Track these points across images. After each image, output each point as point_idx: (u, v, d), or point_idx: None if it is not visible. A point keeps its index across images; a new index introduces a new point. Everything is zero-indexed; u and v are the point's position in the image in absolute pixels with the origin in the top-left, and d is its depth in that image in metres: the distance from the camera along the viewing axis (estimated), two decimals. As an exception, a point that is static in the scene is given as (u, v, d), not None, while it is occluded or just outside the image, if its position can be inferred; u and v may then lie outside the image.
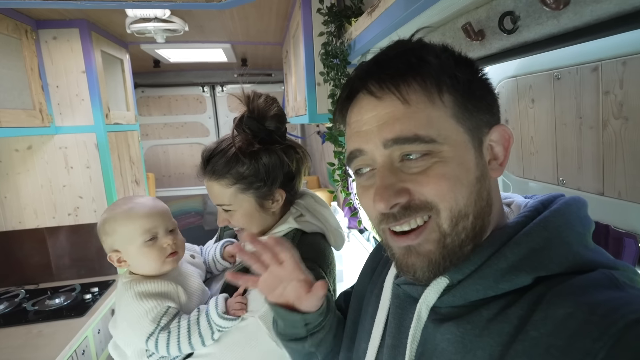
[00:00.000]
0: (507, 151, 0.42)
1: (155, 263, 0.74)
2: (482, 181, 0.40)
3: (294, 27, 1.61)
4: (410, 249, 0.41)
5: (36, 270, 1.83)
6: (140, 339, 0.69)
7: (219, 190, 0.75)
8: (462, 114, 0.40)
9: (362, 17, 0.92)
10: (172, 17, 1.53)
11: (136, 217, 0.73)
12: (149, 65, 2.82)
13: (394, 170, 0.40)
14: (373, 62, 0.42)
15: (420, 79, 0.39)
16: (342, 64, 1.12)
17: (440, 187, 0.38)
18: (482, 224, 0.40)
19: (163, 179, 3.53)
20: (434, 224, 0.39)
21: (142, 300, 0.70)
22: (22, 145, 1.74)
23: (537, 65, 0.73)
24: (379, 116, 0.40)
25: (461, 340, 0.38)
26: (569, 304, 0.33)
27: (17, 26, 1.52)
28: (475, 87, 0.42)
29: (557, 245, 0.38)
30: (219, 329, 0.69)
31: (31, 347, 1.30)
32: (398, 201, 0.39)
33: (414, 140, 0.38)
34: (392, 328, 0.47)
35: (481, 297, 0.39)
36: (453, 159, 0.39)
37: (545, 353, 0.32)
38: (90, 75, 1.74)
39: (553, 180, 0.73)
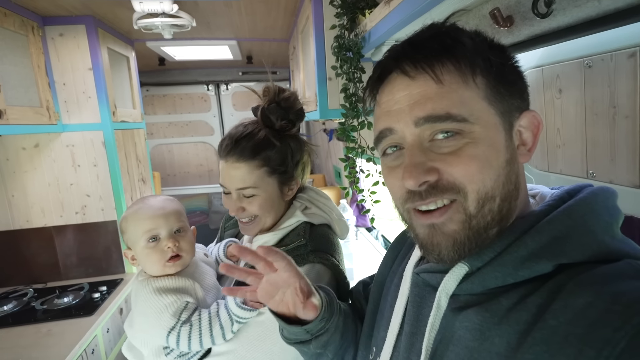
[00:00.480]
0: (536, 138, 0.42)
1: (156, 266, 0.74)
2: (511, 164, 0.40)
3: (302, 21, 1.59)
4: (435, 228, 0.41)
5: (44, 269, 1.82)
6: (160, 335, 0.68)
7: (246, 171, 0.74)
8: (495, 97, 0.40)
9: (379, 7, 0.90)
10: (180, 12, 1.51)
11: (140, 218, 0.74)
12: (154, 64, 2.80)
13: (424, 150, 0.40)
14: (407, 43, 0.42)
15: (454, 60, 0.40)
16: (356, 57, 1.10)
17: (470, 168, 0.38)
18: (509, 207, 0.40)
19: (168, 178, 3.52)
20: (459, 206, 0.39)
21: (162, 295, 0.70)
22: (29, 143, 1.73)
23: (565, 53, 0.70)
24: (412, 95, 0.40)
25: (479, 328, 0.38)
26: (590, 293, 0.32)
27: (24, 22, 1.50)
28: (508, 71, 0.42)
29: (581, 234, 0.37)
30: (237, 320, 0.68)
31: (41, 346, 1.29)
32: (427, 179, 0.39)
33: (446, 119, 0.38)
34: (410, 316, 0.48)
35: (500, 285, 0.39)
36: (484, 140, 0.39)
37: (564, 341, 0.31)
38: (97, 73, 1.73)
39: (582, 174, 0.71)
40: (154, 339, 0.71)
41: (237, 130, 0.77)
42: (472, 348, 0.38)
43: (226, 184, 0.77)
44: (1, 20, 1.37)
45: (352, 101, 1.13)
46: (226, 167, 0.76)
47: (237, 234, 0.98)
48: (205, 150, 3.56)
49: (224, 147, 0.75)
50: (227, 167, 0.75)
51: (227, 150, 0.75)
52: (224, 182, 0.77)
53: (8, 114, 1.33)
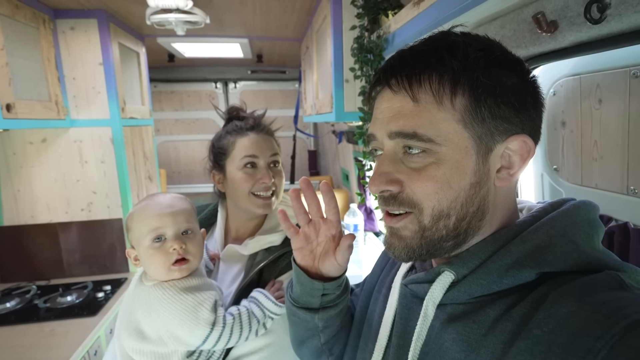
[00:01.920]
0: (523, 163, 0.42)
1: (159, 269, 0.68)
2: (477, 187, 0.41)
3: (319, 21, 1.55)
4: (393, 231, 0.44)
5: (47, 266, 1.79)
6: (199, 334, 0.65)
7: (274, 143, 0.87)
8: (472, 120, 0.40)
9: (406, 8, 0.86)
10: (194, 8, 1.48)
11: (146, 216, 0.70)
12: (163, 60, 2.78)
13: (395, 160, 0.42)
14: (398, 56, 0.43)
15: (435, 79, 0.39)
16: (377, 59, 1.06)
17: (427, 188, 0.40)
18: (467, 227, 0.41)
19: (173, 176, 3.50)
20: (414, 217, 0.42)
21: (193, 293, 0.67)
22: (36, 137, 1.70)
23: (607, 62, 0.67)
24: (391, 108, 0.42)
25: (466, 340, 0.39)
26: (572, 303, 0.33)
27: (35, 15, 1.48)
28: (503, 92, 0.40)
29: (563, 244, 0.38)
30: (271, 317, 0.71)
31: (44, 347, 1.26)
32: (388, 189, 0.42)
33: (413, 137, 0.40)
34: (398, 328, 0.48)
35: (485, 293, 0.40)
36: (448, 162, 0.40)
37: (547, 351, 0.32)
38: (107, 68, 1.70)
39: (621, 190, 0.67)
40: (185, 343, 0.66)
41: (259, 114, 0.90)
42: (458, 359, 0.39)
43: (259, 152, 0.83)
44: (13, 12, 1.34)
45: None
46: (259, 139, 0.84)
47: None
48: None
49: (257, 123, 0.86)
50: (261, 139, 0.84)
51: (261, 126, 0.86)
52: (256, 152, 0.83)
53: (17, 107, 1.31)
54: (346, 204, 2.40)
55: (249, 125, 0.85)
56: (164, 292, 0.67)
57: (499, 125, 0.40)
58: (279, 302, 0.71)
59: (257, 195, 0.82)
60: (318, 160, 3.68)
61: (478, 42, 0.41)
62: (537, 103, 0.42)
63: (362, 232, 1.91)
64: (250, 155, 0.82)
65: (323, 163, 3.64)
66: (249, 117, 0.89)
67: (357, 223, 1.87)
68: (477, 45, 0.40)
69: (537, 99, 0.42)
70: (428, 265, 0.51)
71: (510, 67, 0.41)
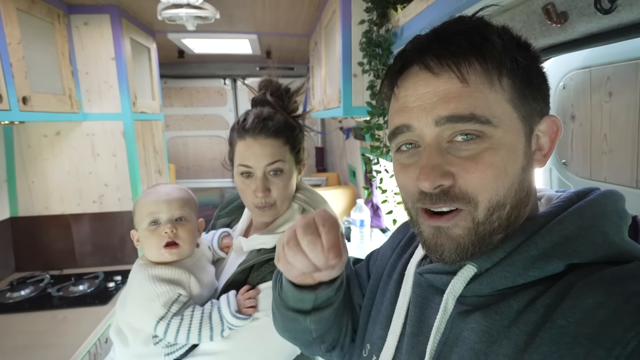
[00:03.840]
0: (553, 143, 0.41)
1: (152, 250, 0.75)
2: (527, 171, 0.40)
3: (327, 16, 1.56)
4: (440, 230, 0.40)
5: (60, 256, 1.83)
6: (149, 322, 0.69)
7: (276, 146, 0.76)
8: (519, 100, 0.39)
9: (415, 1, 0.86)
10: (205, 3, 1.50)
11: (146, 201, 0.76)
12: (173, 56, 2.81)
13: (442, 151, 0.39)
14: (433, 36, 0.40)
15: (482, 59, 0.38)
16: (385, 53, 1.06)
17: (486, 176, 0.37)
18: (517, 214, 0.40)
19: (182, 171, 3.54)
20: (467, 214, 0.39)
21: (155, 284, 0.71)
22: (50, 130, 1.74)
23: (617, 54, 0.66)
24: (434, 93, 0.38)
25: (487, 330, 0.38)
26: (600, 293, 0.32)
27: (50, 10, 1.51)
28: (534, 73, 0.40)
29: (593, 234, 0.37)
30: (229, 327, 0.70)
31: (57, 333, 1.30)
32: (442, 183, 0.38)
33: (469, 119, 0.37)
34: (413, 317, 0.47)
35: (509, 285, 0.38)
36: (504, 145, 0.38)
37: (574, 342, 0.31)
38: (119, 63, 1.73)
39: (630, 183, 0.67)
40: (144, 325, 0.71)
41: (260, 111, 0.78)
42: (479, 350, 0.38)
43: (252, 162, 0.74)
44: (29, 7, 1.38)
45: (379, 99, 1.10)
46: (254, 145, 0.75)
47: (230, 223, 0.97)
48: (219, 144, 3.56)
49: (253, 126, 0.75)
50: (256, 144, 0.74)
51: (259, 129, 0.74)
52: (249, 162, 0.75)
53: (32, 100, 1.34)
54: (352, 200, 2.41)
55: (247, 126, 0.75)
56: (138, 274, 0.73)
57: (537, 106, 0.40)
58: (238, 314, 0.68)
59: (256, 205, 0.78)
60: (325, 157, 3.68)
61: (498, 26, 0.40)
62: (548, 87, 0.43)
63: (368, 228, 1.92)
64: (244, 164, 0.76)
65: (330, 160, 3.65)
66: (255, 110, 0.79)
67: (364, 219, 1.87)
68: (499, 29, 0.40)
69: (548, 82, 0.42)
70: None
71: (528, 50, 0.41)
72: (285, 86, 0.84)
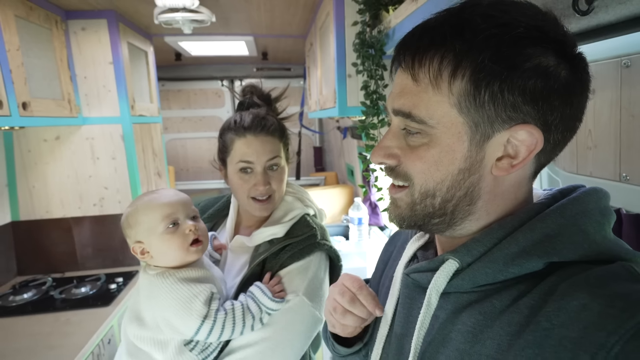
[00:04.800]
0: (529, 155, 0.38)
1: (179, 251, 0.71)
2: (466, 173, 0.40)
3: (322, 17, 1.58)
4: (392, 200, 0.46)
5: (62, 259, 1.85)
6: (191, 326, 0.67)
7: (275, 144, 0.82)
8: (469, 105, 0.37)
9: (405, 3, 0.88)
10: (200, 7, 1.52)
11: (157, 205, 0.72)
12: (170, 59, 2.83)
13: (398, 136, 0.43)
14: (411, 32, 0.42)
15: (436, 60, 0.38)
16: (378, 54, 1.09)
17: (416, 167, 0.41)
18: (453, 209, 0.42)
19: (181, 173, 3.56)
20: (408, 191, 0.43)
21: (189, 284, 0.69)
22: (50, 135, 1.76)
23: (599, 52, 0.68)
24: (398, 85, 0.42)
25: (472, 331, 0.38)
26: (584, 296, 0.32)
27: (48, 16, 1.53)
28: (516, 76, 0.35)
29: (573, 233, 0.37)
30: (267, 312, 0.72)
31: (60, 334, 1.32)
32: (385, 162, 0.44)
33: (408, 117, 0.40)
34: (400, 317, 0.48)
35: (490, 282, 0.39)
36: (439, 145, 0.40)
37: (558, 345, 0.31)
38: (117, 67, 1.75)
39: (614, 177, 0.69)
40: (180, 332, 0.68)
41: (258, 111, 0.84)
42: (463, 350, 0.38)
43: (254, 158, 0.80)
44: (27, 14, 1.40)
45: (372, 99, 1.12)
46: (255, 142, 0.80)
47: (212, 227, 0.97)
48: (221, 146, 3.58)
49: (254, 124, 0.80)
50: (257, 141, 0.80)
51: (260, 127, 0.80)
52: (251, 157, 0.80)
53: (32, 105, 1.36)
54: (351, 199, 2.43)
55: (247, 124, 0.80)
56: (164, 280, 0.69)
57: (501, 113, 0.37)
58: (275, 298, 0.71)
59: (254, 198, 0.82)
60: (323, 157, 3.71)
61: (500, 17, 0.36)
62: (571, 91, 0.37)
63: (366, 225, 1.94)
64: (245, 160, 0.80)
65: (328, 159, 3.67)
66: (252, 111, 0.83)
67: (362, 217, 1.89)
68: (497, 20, 0.36)
69: (571, 86, 0.37)
70: (431, 254, 0.50)
71: (535, 46, 0.36)
72: (267, 92, 0.90)
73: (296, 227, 0.84)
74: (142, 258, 0.73)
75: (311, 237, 0.82)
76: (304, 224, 0.84)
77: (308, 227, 0.83)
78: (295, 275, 0.78)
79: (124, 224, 0.74)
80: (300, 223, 0.85)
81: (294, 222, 0.85)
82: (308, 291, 0.76)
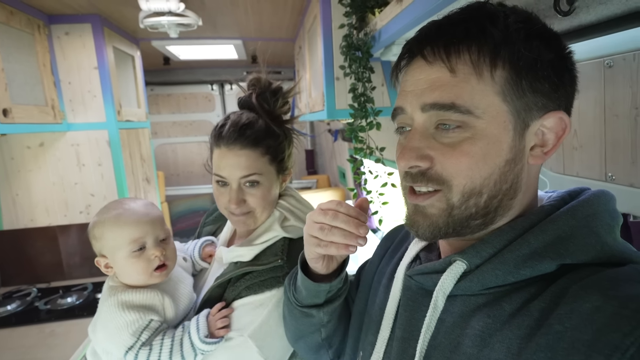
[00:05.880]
0: (558, 141, 0.40)
1: (141, 276, 0.70)
2: (512, 164, 0.39)
3: (310, 20, 1.57)
4: (418, 208, 0.42)
5: (47, 269, 1.81)
6: (119, 351, 0.66)
7: (252, 158, 0.72)
8: (512, 94, 0.38)
9: (390, 6, 0.88)
10: (186, 11, 1.50)
11: (124, 225, 0.68)
12: (158, 63, 2.80)
13: (426, 136, 0.40)
14: (435, 26, 0.41)
15: (474, 50, 0.38)
16: (365, 56, 1.08)
17: (460, 164, 0.39)
18: (497, 205, 0.40)
19: (172, 178, 3.52)
20: (442, 196, 0.40)
21: (125, 311, 0.66)
22: (34, 142, 1.73)
23: (583, 52, 0.68)
24: (426, 80, 0.40)
25: (480, 335, 0.37)
26: (597, 298, 0.31)
27: (30, 21, 1.50)
28: (543, 66, 0.38)
29: (585, 235, 0.37)
30: (202, 353, 0.66)
31: (45, 347, 1.28)
32: (417, 164, 0.40)
33: (450, 108, 0.38)
34: (402, 320, 0.46)
35: (500, 284, 0.38)
36: (485, 136, 0.38)
37: (571, 348, 0.30)
38: (102, 72, 1.72)
39: (600, 177, 0.69)
40: (114, 352, 0.68)
41: (239, 117, 0.74)
42: (471, 355, 0.37)
43: (226, 173, 0.71)
44: (7, 19, 1.36)
45: (360, 101, 1.11)
46: (229, 155, 0.71)
47: (215, 231, 0.94)
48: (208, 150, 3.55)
49: (228, 135, 0.71)
50: (230, 154, 0.71)
51: (233, 138, 0.70)
52: (223, 172, 0.72)
53: (13, 112, 1.33)
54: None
55: (223, 134, 0.71)
56: (108, 299, 0.69)
57: (538, 101, 0.39)
58: (207, 339, 0.65)
59: (232, 212, 0.74)
60: (315, 159, 3.70)
61: (517, 14, 0.39)
62: (573, 80, 0.41)
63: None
64: (217, 174, 0.73)
65: (320, 162, 3.67)
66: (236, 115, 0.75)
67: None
68: (517, 16, 0.39)
69: (573, 76, 0.41)
70: (434, 256, 0.49)
71: (550, 41, 0.39)
72: (275, 85, 0.79)
73: (266, 252, 0.73)
74: (106, 271, 0.72)
75: (276, 268, 0.71)
76: (275, 251, 0.73)
77: (276, 255, 0.72)
78: (248, 310, 0.69)
79: (90, 233, 0.71)
80: (272, 249, 0.74)
81: (266, 246, 0.74)
82: (257, 333, 0.67)
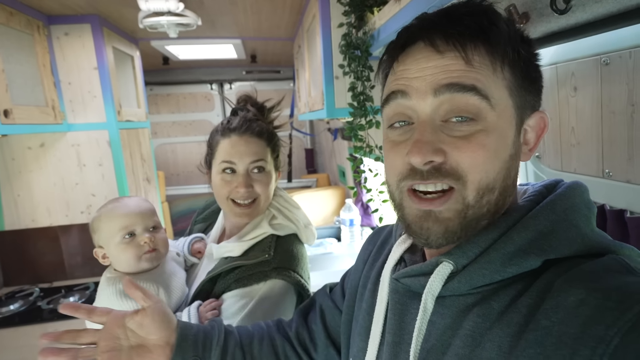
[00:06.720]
0: (538, 139, 0.42)
1: (132, 260, 0.76)
2: (514, 160, 0.40)
3: (308, 20, 1.58)
4: (430, 214, 0.39)
5: (49, 269, 1.82)
6: None
7: (261, 146, 0.80)
8: (516, 90, 0.39)
9: (389, 4, 0.89)
10: (185, 10, 1.51)
11: (116, 216, 0.77)
12: (158, 63, 2.80)
13: (435, 129, 0.38)
14: (443, 15, 0.39)
15: (488, 44, 0.38)
16: (364, 55, 1.09)
17: (477, 156, 0.37)
18: (503, 203, 0.40)
19: (172, 177, 3.52)
20: (458, 195, 0.38)
21: (123, 300, 0.71)
22: (34, 142, 1.73)
23: (580, 50, 0.69)
24: (436, 67, 0.38)
25: (471, 334, 0.37)
26: (581, 291, 0.32)
27: (29, 22, 1.50)
28: (532, 67, 0.41)
29: (566, 228, 0.37)
30: None
31: (48, 346, 1.29)
32: (434, 159, 0.37)
33: (471, 89, 0.37)
34: (392, 325, 0.45)
35: (487, 282, 0.38)
36: (496, 130, 0.38)
37: (558, 342, 0.31)
38: (102, 72, 1.72)
39: (597, 173, 0.70)
40: None
41: (246, 113, 0.83)
42: (463, 355, 0.37)
43: (237, 158, 0.78)
44: (7, 19, 1.37)
45: (360, 100, 1.12)
46: (240, 142, 0.78)
47: (206, 228, 0.97)
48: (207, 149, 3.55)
49: (239, 125, 0.79)
50: (242, 142, 0.78)
51: (244, 128, 0.79)
52: (233, 158, 0.78)
53: (14, 113, 1.33)
54: (343, 200, 2.43)
55: (233, 126, 0.79)
56: (107, 288, 0.74)
57: (531, 99, 0.40)
58: None
59: (236, 202, 0.79)
60: (315, 159, 3.70)
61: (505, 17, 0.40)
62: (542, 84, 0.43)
63: (358, 227, 1.94)
64: (227, 160, 0.78)
65: (320, 161, 3.67)
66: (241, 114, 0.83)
67: (353, 218, 1.89)
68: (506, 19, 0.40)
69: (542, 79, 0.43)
70: (418, 257, 0.48)
71: (530, 45, 0.41)
72: (261, 103, 0.88)
73: (255, 248, 0.78)
74: (103, 262, 0.80)
75: (263, 263, 0.75)
76: (264, 247, 0.77)
77: (264, 251, 0.76)
78: (236, 301, 0.72)
79: (90, 228, 0.80)
80: (260, 245, 0.78)
81: (254, 242, 0.78)
82: (244, 322, 0.69)
